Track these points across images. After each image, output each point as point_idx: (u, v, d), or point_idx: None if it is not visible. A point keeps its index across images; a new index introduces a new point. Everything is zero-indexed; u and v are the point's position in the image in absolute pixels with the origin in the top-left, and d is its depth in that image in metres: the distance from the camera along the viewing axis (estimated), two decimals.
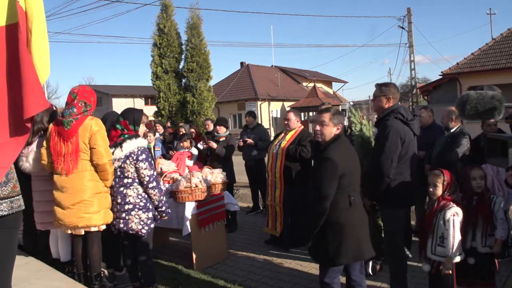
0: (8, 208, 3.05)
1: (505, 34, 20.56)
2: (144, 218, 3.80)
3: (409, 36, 27.34)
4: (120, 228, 3.81)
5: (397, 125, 3.60)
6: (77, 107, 3.72)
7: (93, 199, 3.67)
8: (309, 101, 32.58)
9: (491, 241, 3.42)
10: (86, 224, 3.68)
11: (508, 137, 2.60)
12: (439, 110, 5.61)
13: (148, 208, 3.83)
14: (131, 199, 3.77)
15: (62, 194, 3.67)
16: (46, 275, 3.81)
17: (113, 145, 3.77)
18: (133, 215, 3.77)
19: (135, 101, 42.02)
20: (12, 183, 3.14)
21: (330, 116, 3.17)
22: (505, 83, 15.49)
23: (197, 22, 19.02)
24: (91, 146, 3.64)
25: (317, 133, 3.23)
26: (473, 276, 3.44)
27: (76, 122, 3.66)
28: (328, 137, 3.17)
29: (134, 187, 3.78)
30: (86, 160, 3.67)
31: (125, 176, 3.77)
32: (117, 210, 3.81)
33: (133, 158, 3.72)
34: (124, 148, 3.73)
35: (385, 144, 3.58)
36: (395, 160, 3.58)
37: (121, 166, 3.76)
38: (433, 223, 3.34)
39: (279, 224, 5.61)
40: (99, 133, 3.67)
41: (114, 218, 3.82)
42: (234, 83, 36.48)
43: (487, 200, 3.47)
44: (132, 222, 3.77)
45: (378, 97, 3.81)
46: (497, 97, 4.24)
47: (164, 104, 18.67)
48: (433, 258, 3.36)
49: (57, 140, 3.67)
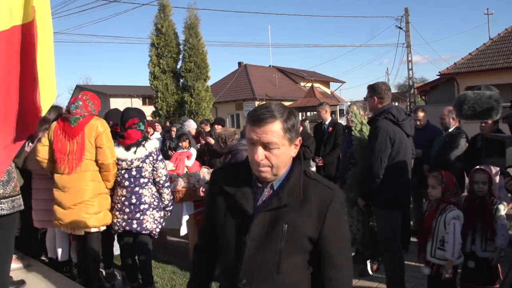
0: (10, 207, 3.05)
1: (502, 34, 20.60)
2: (158, 217, 3.87)
3: (406, 36, 27.38)
4: (133, 228, 3.77)
5: (386, 126, 3.60)
6: (82, 101, 3.70)
7: (94, 200, 3.65)
8: (307, 101, 32.56)
9: (491, 246, 3.34)
10: (87, 224, 3.66)
11: (506, 137, 2.60)
12: (436, 110, 5.62)
13: (161, 207, 3.93)
14: (147, 198, 3.80)
15: (63, 194, 3.63)
16: (43, 274, 3.80)
17: (134, 144, 3.75)
18: (148, 215, 3.80)
19: (133, 101, 41.88)
20: (14, 182, 3.14)
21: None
22: (502, 83, 15.54)
23: (195, 22, 19.01)
24: (97, 146, 3.64)
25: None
26: (475, 281, 3.36)
27: (83, 119, 3.64)
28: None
29: (148, 187, 3.83)
30: (89, 160, 3.65)
31: (141, 175, 3.78)
32: (130, 210, 3.76)
33: (154, 158, 3.80)
34: (147, 147, 3.79)
35: (374, 145, 3.60)
36: (384, 161, 3.58)
37: (139, 166, 3.76)
38: (433, 226, 3.29)
39: None
40: (105, 133, 3.68)
41: (124, 220, 3.78)
42: (231, 83, 36.46)
43: (489, 204, 3.39)
44: (147, 222, 3.79)
45: (369, 98, 3.83)
46: (495, 97, 4.23)
47: (162, 104, 18.66)
48: (433, 261, 3.31)
49: (62, 137, 3.63)
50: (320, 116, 6.52)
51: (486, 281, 3.35)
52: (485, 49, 20.22)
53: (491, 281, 3.36)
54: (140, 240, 3.88)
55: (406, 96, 32.20)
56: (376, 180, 3.61)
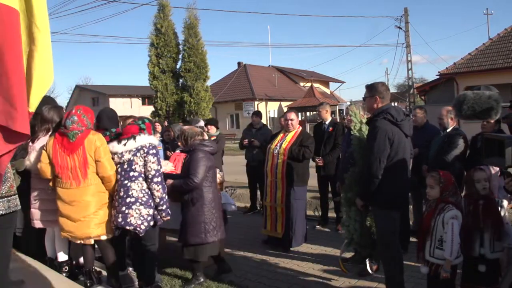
0: (5, 208, 3.03)
1: (502, 34, 20.62)
2: (144, 214, 3.76)
3: (406, 36, 27.43)
4: (118, 223, 3.74)
5: (384, 126, 3.60)
6: (77, 116, 3.74)
7: (99, 212, 3.78)
8: (306, 101, 32.60)
9: (499, 246, 3.29)
10: (97, 234, 3.78)
11: (505, 137, 2.59)
12: (435, 110, 5.62)
13: (150, 204, 3.81)
14: (134, 192, 3.75)
15: (70, 207, 3.73)
16: (42, 274, 3.79)
17: (127, 138, 3.81)
18: (134, 209, 3.72)
19: (132, 101, 41.90)
20: (9, 183, 3.13)
21: None
22: (502, 83, 15.55)
23: (194, 22, 19.04)
24: (96, 159, 3.72)
25: None
26: (479, 282, 3.31)
27: (82, 134, 3.69)
28: None
29: (139, 182, 3.78)
30: (92, 173, 3.74)
31: (132, 169, 3.78)
32: (118, 204, 3.78)
33: (144, 151, 3.77)
34: (137, 140, 3.78)
35: (373, 145, 3.59)
36: (383, 161, 3.57)
37: (130, 159, 3.77)
38: (432, 225, 3.27)
39: (280, 225, 5.60)
40: (102, 147, 3.75)
41: (113, 215, 3.82)
42: (231, 83, 36.48)
43: (494, 202, 3.36)
44: (132, 216, 3.71)
45: (369, 98, 3.82)
46: (494, 97, 4.23)
47: (161, 104, 18.67)
48: (431, 261, 3.30)
49: (61, 152, 3.69)
50: (320, 116, 6.51)
51: (491, 281, 3.30)
52: (485, 49, 20.24)
53: (495, 281, 3.31)
54: (145, 239, 3.90)
55: (406, 96, 32.24)
56: (375, 181, 3.60)
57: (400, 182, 3.69)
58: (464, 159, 4.97)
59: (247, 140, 7.41)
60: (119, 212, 3.75)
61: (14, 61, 2.28)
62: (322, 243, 5.72)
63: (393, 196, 3.65)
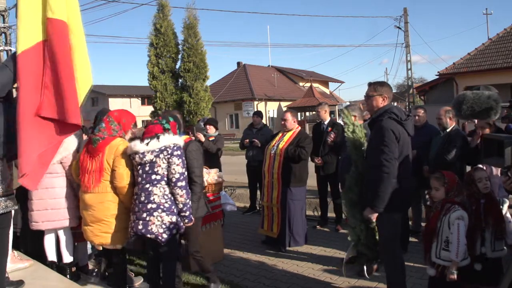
0: (3, 207, 3.03)
1: (501, 34, 20.65)
2: (167, 222, 3.48)
3: (405, 36, 27.43)
4: (138, 230, 3.49)
5: (391, 125, 3.50)
6: (105, 123, 3.74)
7: (114, 219, 3.68)
8: (305, 101, 32.60)
9: (500, 245, 3.29)
10: (114, 242, 3.73)
11: (505, 137, 2.59)
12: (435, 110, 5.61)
13: (173, 211, 3.53)
14: (156, 198, 3.48)
15: (85, 212, 3.73)
16: (42, 275, 3.79)
17: (150, 137, 3.53)
18: (155, 216, 3.46)
19: (132, 101, 41.90)
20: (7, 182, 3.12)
21: None
22: (501, 83, 15.59)
23: (194, 22, 19.04)
24: (113, 168, 3.62)
25: None
26: (480, 281, 3.31)
27: (103, 141, 3.65)
28: None
29: (161, 186, 3.51)
30: (107, 181, 3.66)
31: (154, 172, 3.50)
32: (138, 210, 3.53)
33: (168, 152, 3.49)
34: (161, 140, 3.51)
35: (383, 145, 3.47)
36: (396, 160, 3.47)
37: (153, 161, 3.49)
38: (438, 227, 3.23)
39: (276, 225, 5.60)
40: (123, 156, 3.63)
41: (133, 220, 3.58)
42: (230, 83, 36.50)
43: (496, 200, 3.33)
44: (153, 224, 3.45)
45: (373, 97, 3.69)
46: (494, 97, 4.24)
47: (160, 104, 18.66)
48: (437, 262, 3.25)
49: (86, 156, 3.71)
50: (319, 116, 6.51)
51: (492, 280, 3.26)
52: (484, 49, 20.28)
53: (496, 281, 3.23)
54: (165, 249, 3.63)
55: (405, 96, 32.25)
56: (393, 181, 3.45)
57: (405, 183, 3.59)
58: (464, 158, 4.96)
59: (248, 140, 7.41)
60: (139, 219, 3.50)
61: (66, 67, 3.15)
62: (321, 243, 5.72)
63: (398, 197, 3.51)
